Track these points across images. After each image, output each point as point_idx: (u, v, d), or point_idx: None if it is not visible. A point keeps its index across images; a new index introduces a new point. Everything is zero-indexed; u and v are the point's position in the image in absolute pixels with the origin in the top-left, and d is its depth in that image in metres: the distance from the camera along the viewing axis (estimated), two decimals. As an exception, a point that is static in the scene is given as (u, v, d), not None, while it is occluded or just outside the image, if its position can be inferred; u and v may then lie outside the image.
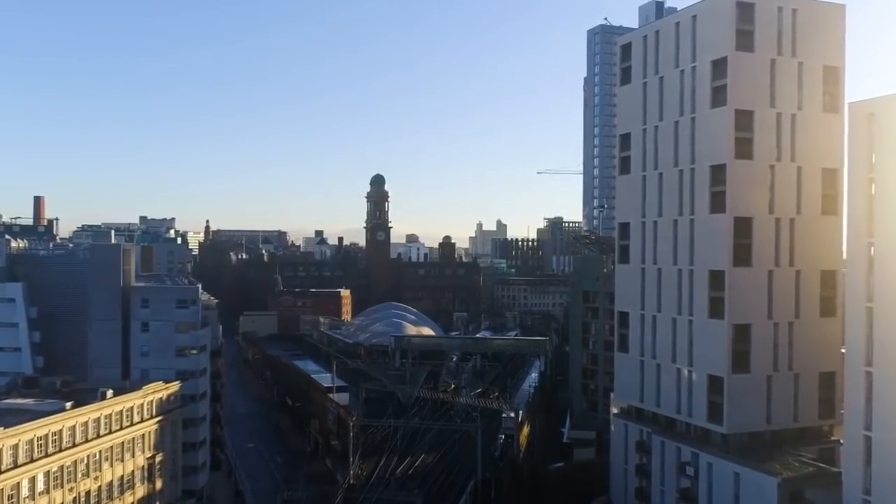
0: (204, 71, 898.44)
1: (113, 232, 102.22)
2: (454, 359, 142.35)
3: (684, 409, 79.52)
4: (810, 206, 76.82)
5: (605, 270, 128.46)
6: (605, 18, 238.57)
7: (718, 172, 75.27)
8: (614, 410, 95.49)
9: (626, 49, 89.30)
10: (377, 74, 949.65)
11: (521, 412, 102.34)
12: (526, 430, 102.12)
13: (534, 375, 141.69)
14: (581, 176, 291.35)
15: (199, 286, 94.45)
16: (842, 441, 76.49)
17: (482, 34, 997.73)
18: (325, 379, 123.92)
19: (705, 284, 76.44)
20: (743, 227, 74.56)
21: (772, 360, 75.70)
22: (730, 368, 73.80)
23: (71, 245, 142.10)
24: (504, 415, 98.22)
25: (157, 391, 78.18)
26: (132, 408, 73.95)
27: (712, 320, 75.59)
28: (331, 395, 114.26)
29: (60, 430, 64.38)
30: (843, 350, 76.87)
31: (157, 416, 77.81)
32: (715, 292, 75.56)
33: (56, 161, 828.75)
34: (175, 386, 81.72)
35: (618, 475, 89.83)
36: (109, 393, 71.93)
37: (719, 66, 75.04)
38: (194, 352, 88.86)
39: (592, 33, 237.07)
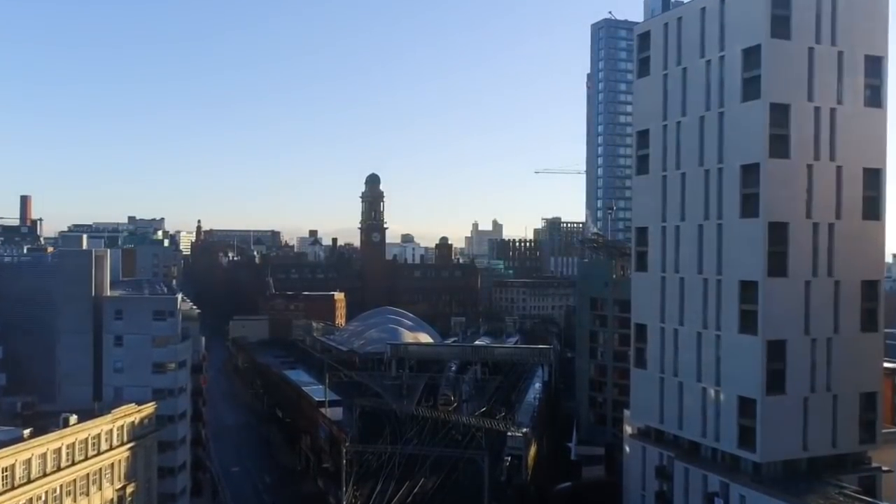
0: (200, 72, 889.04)
1: (85, 237, 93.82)
2: (453, 368, 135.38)
3: (710, 434, 72.38)
4: (850, 210, 69.86)
5: (615, 276, 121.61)
6: (610, 12, 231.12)
7: (750, 172, 68.13)
8: (628, 430, 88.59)
9: (644, 38, 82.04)
10: (373, 73, 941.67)
11: (527, 430, 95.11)
12: (533, 449, 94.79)
13: (537, 385, 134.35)
14: (579, 175, 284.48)
15: (179, 296, 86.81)
16: (885, 468, 70.07)
17: (479, 32, 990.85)
18: (318, 391, 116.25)
19: (735, 296, 69.29)
20: (778, 233, 67.45)
21: (808, 380, 68.68)
22: (764, 390, 66.70)
23: (50, 248, 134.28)
24: (510, 433, 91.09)
25: (129, 414, 70.57)
26: (99, 435, 66.32)
27: (743, 336, 68.47)
28: (323, 411, 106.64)
29: (13, 465, 56.75)
30: (885, 367, 70.53)
31: (128, 442, 70.19)
32: (746, 305, 68.44)
33: (51, 161, 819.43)
34: (150, 407, 74.12)
35: (634, 502, 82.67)
36: (73, 419, 64.30)
37: (752, 55, 67.86)
38: (172, 367, 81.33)
39: (596, 27, 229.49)
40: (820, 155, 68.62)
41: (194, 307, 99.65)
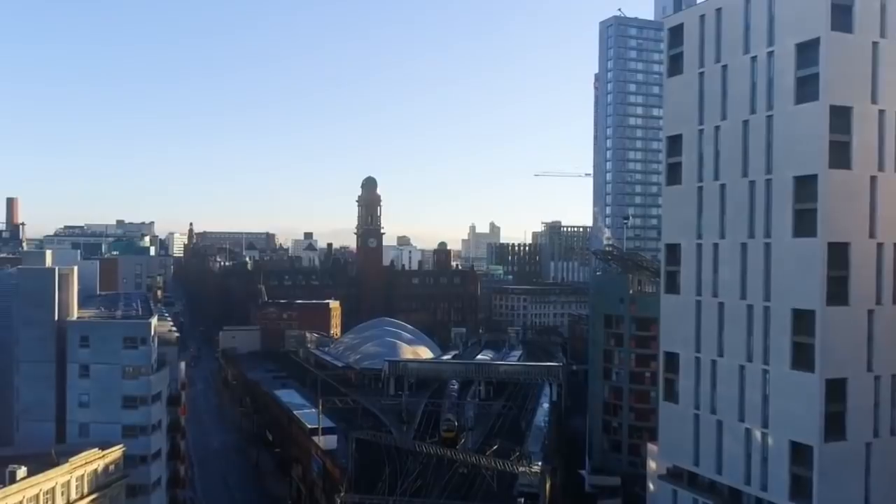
0: (196, 72, 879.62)
1: (49, 252, 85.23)
2: (455, 386, 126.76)
3: (756, 482, 63.44)
4: (918, 228, 61.08)
5: (631, 291, 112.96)
6: (619, 10, 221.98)
7: (806, 185, 59.14)
8: (653, 465, 79.99)
9: (676, 32, 72.92)
10: (370, 72, 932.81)
11: (541, 464, 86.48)
12: (547, 485, 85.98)
13: (545, 406, 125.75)
14: (580, 179, 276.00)
15: (154, 320, 77.64)
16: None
17: (477, 32, 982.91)
18: (310, 417, 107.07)
19: (787, 327, 60.32)
20: (838, 254, 58.66)
21: (871, 424, 59.87)
22: (822, 435, 57.90)
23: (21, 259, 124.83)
24: (522, 470, 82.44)
25: (91, 461, 61.51)
26: (54, 489, 57.28)
27: (797, 373, 59.47)
28: (316, 440, 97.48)
29: (-57, 534, 47.92)
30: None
31: (89, 494, 61.20)
32: (801, 337, 59.50)
33: (47, 162, 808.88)
34: (116, 451, 65.10)
35: (664, 551, 73.85)
36: (21, 472, 55.24)
37: (808, 50, 58.91)
38: (146, 401, 72.35)
39: (605, 25, 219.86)
40: (884, 165, 59.80)
41: (173, 328, 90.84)
